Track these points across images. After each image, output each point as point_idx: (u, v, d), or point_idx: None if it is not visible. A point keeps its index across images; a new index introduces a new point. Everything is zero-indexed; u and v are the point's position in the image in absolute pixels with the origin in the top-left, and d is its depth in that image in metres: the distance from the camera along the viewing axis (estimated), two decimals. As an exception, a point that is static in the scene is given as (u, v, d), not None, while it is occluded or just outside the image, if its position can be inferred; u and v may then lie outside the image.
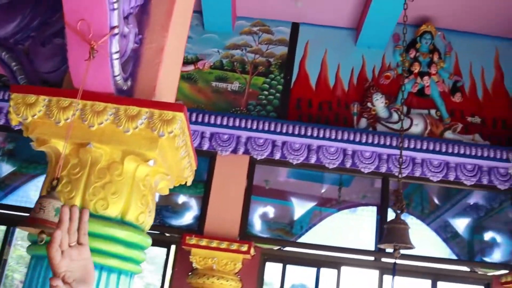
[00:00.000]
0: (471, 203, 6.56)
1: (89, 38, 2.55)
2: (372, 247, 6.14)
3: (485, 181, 6.09)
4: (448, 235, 6.53)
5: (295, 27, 6.93)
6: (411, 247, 4.50)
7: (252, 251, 5.82)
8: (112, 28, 2.62)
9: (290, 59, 6.77)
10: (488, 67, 6.76)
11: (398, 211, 4.59)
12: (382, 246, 4.67)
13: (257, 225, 6.41)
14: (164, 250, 6.26)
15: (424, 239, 6.32)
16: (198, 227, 6.15)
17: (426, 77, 6.58)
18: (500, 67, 6.78)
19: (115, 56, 2.72)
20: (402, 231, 4.58)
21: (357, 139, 6.10)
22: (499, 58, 6.80)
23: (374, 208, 6.39)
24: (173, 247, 6.25)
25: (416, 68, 6.57)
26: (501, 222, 6.37)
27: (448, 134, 6.33)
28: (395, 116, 6.42)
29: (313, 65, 6.75)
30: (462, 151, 6.03)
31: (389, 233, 4.57)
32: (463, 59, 6.77)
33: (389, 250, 4.85)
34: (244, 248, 5.73)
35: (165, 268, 6.24)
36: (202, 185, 6.31)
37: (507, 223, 6.31)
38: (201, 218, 6.17)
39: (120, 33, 2.76)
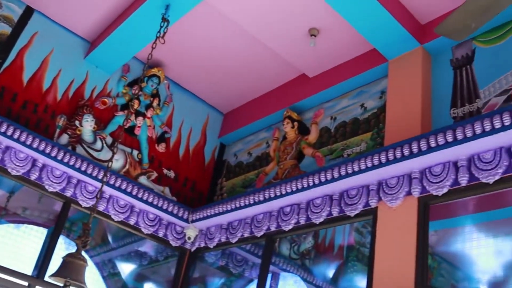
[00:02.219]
0: (140, 250, 6.63)
1: None
2: (29, 272, 5.58)
3: (161, 233, 6.25)
4: (108, 272, 6.44)
5: (29, 11, 6.20)
6: (83, 286, 4.24)
7: None
8: None
9: (10, 42, 5.97)
10: (196, 130, 7.16)
11: (81, 246, 4.33)
12: (53, 279, 4.28)
13: None
14: None
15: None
16: None
17: (140, 118, 6.57)
18: (205, 133, 7.24)
19: None
20: (79, 267, 4.30)
21: (53, 154, 5.61)
22: (207, 125, 7.28)
23: (45, 231, 5.90)
24: None
25: (134, 105, 6.50)
26: (160, 275, 6.58)
27: (142, 179, 6.36)
28: (99, 144, 6.18)
29: (33, 60, 6.09)
30: (150, 199, 6.10)
31: (66, 267, 4.23)
32: (178, 114, 7.04)
33: (57, 283, 4.47)
34: None
35: None
36: None
37: (165, 277, 6.55)
38: None
39: None
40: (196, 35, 6.25)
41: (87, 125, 6.10)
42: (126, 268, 6.64)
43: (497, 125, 3.95)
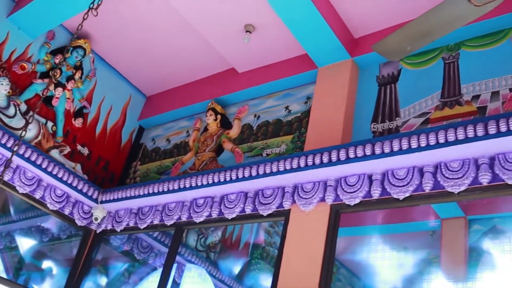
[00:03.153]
0: (42, 226, 6.37)
1: None
2: None
3: (67, 211, 6.03)
4: (4, 245, 6.14)
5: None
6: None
7: None
8: None
9: None
10: (116, 109, 6.98)
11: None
12: None
13: None
14: None
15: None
16: None
17: (60, 89, 6.30)
18: (126, 114, 7.07)
19: None
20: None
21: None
22: (129, 106, 7.11)
23: None
24: None
25: (56, 75, 6.19)
26: (61, 254, 6.36)
27: (54, 153, 6.09)
28: (12, 110, 5.84)
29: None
30: (59, 175, 5.85)
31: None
32: (99, 90, 6.83)
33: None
34: None
35: None
36: None
37: (66, 256, 6.33)
38: None
39: None
40: (130, 13, 6.08)
41: (1, 88, 5.74)
42: (25, 243, 6.35)
43: (414, 145, 4.13)
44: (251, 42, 5.84)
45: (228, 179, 5.21)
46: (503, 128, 3.74)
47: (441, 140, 4.01)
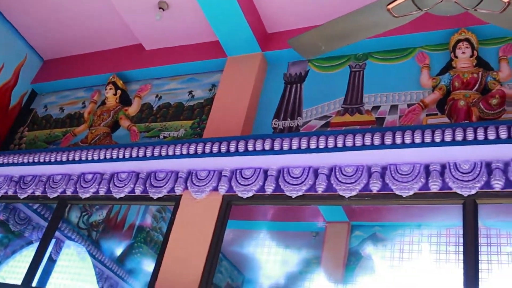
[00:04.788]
0: None
1: None
2: None
3: None
4: None
5: None
6: None
7: None
8: None
9: None
10: (9, 68, 6.50)
11: None
12: None
13: None
14: None
15: None
16: None
17: None
18: (18, 74, 6.60)
19: None
20: None
21: None
22: (23, 67, 6.65)
23: None
24: None
25: None
26: None
27: None
28: None
29: None
30: None
31: None
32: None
33: None
34: None
35: None
36: None
37: None
38: None
39: None
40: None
41: None
42: None
43: (312, 145, 4.17)
44: (163, 20, 5.67)
45: (120, 156, 4.98)
46: (398, 140, 3.87)
47: (339, 144, 4.08)
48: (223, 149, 4.51)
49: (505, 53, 4.62)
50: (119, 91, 6.07)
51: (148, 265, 5.53)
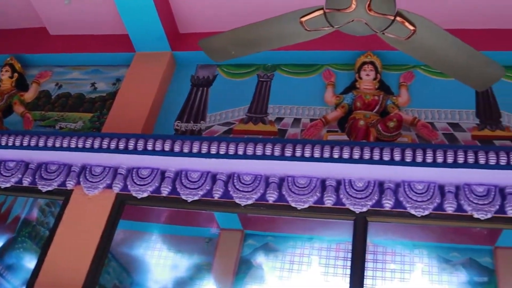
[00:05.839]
0: None
1: None
2: None
3: None
4: None
5: None
6: None
7: None
8: None
9: None
10: None
11: None
12: None
13: None
14: None
15: None
16: None
17: None
18: None
19: None
20: None
21: None
22: None
23: None
24: None
25: None
26: None
27: None
28: None
29: None
30: None
31: None
32: None
33: None
34: None
35: None
36: None
37: None
38: None
39: None
40: None
41: None
42: None
43: (213, 150, 4.12)
44: (72, 6, 5.43)
45: (10, 144, 4.65)
46: (298, 153, 3.92)
47: (240, 152, 4.06)
48: (121, 146, 4.35)
49: (405, 80, 4.84)
50: (16, 75, 5.71)
51: (30, 262, 5.21)
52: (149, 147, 4.27)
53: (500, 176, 3.73)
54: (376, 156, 3.81)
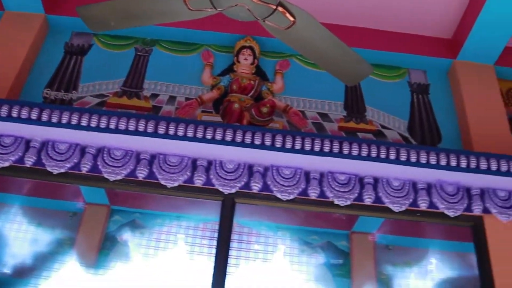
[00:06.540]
0: None
1: None
2: None
3: None
4: None
5: None
6: None
7: None
8: None
9: None
10: None
11: None
12: None
13: None
14: None
15: None
16: None
17: None
18: None
19: None
20: None
21: None
22: None
23: None
24: None
25: None
26: None
27: None
28: None
29: None
30: None
31: None
32: None
33: None
34: None
35: None
36: None
37: None
38: None
39: None
40: None
41: None
42: None
43: (84, 122, 3.97)
44: None
45: None
46: (171, 131, 3.91)
47: (112, 126, 3.96)
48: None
49: (281, 68, 4.99)
50: None
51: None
52: (14, 114, 4.01)
53: (361, 166, 4.00)
54: (248, 140, 3.91)
